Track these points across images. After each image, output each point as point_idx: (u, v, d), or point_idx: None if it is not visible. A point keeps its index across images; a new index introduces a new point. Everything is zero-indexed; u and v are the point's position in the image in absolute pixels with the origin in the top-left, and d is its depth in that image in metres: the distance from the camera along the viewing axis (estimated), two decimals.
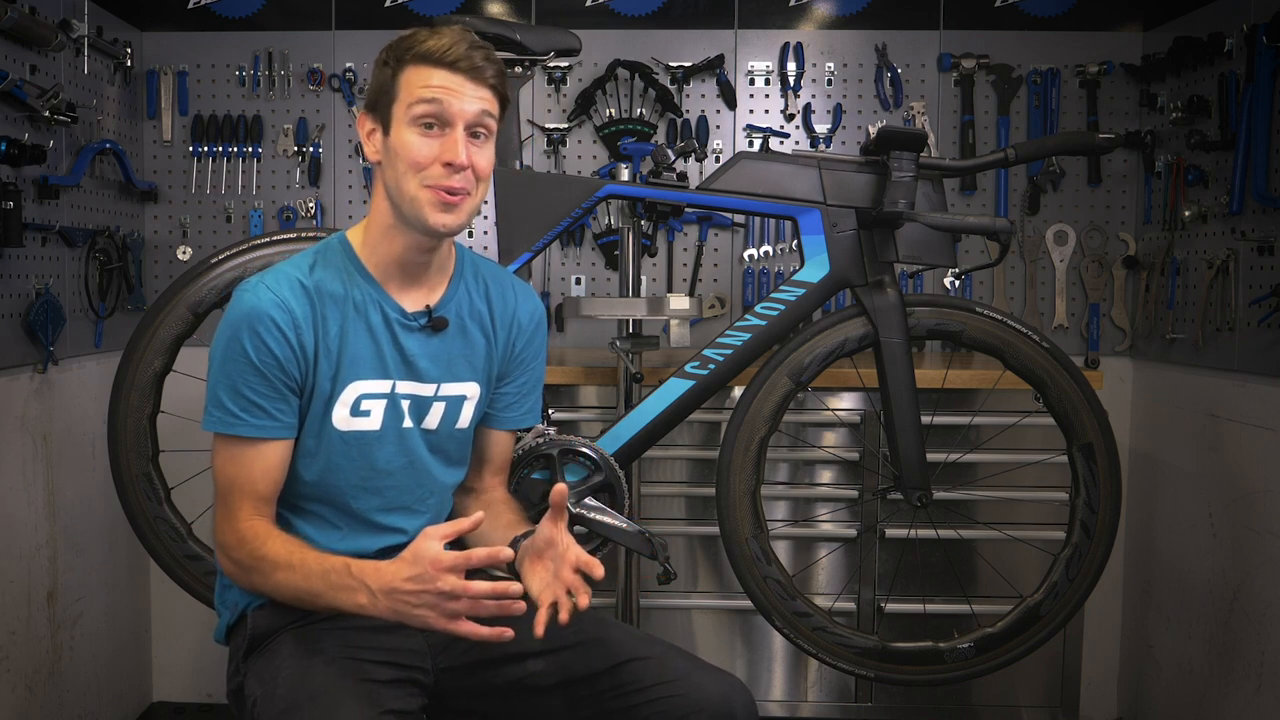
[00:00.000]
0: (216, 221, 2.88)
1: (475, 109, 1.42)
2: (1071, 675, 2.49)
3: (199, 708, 2.93)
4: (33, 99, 2.24)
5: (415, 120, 1.42)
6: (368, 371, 1.48)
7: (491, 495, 1.68)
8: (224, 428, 1.44)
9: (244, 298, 1.44)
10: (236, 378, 1.43)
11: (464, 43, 1.43)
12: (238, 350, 1.42)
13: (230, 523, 1.45)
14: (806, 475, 2.50)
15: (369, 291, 1.49)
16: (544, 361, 1.69)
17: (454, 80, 1.41)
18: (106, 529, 2.63)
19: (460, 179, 1.42)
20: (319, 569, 1.37)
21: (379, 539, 1.53)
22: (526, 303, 1.64)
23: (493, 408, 1.64)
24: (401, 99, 1.43)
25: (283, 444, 1.47)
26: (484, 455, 1.68)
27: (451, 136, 1.42)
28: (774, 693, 2.53)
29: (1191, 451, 2.58)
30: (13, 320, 2.26)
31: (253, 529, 1.44)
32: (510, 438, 1.71)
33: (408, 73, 1.43)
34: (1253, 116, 2.30)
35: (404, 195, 1.43)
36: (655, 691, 1.45)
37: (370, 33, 2.85)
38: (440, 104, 1.41)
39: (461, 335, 1.56)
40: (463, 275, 1.58)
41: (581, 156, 2.88)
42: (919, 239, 1.94)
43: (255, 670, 1.46)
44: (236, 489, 1.45)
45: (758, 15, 2.86)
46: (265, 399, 1.43)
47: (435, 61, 1.41)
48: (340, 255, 1.50)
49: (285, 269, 1.48)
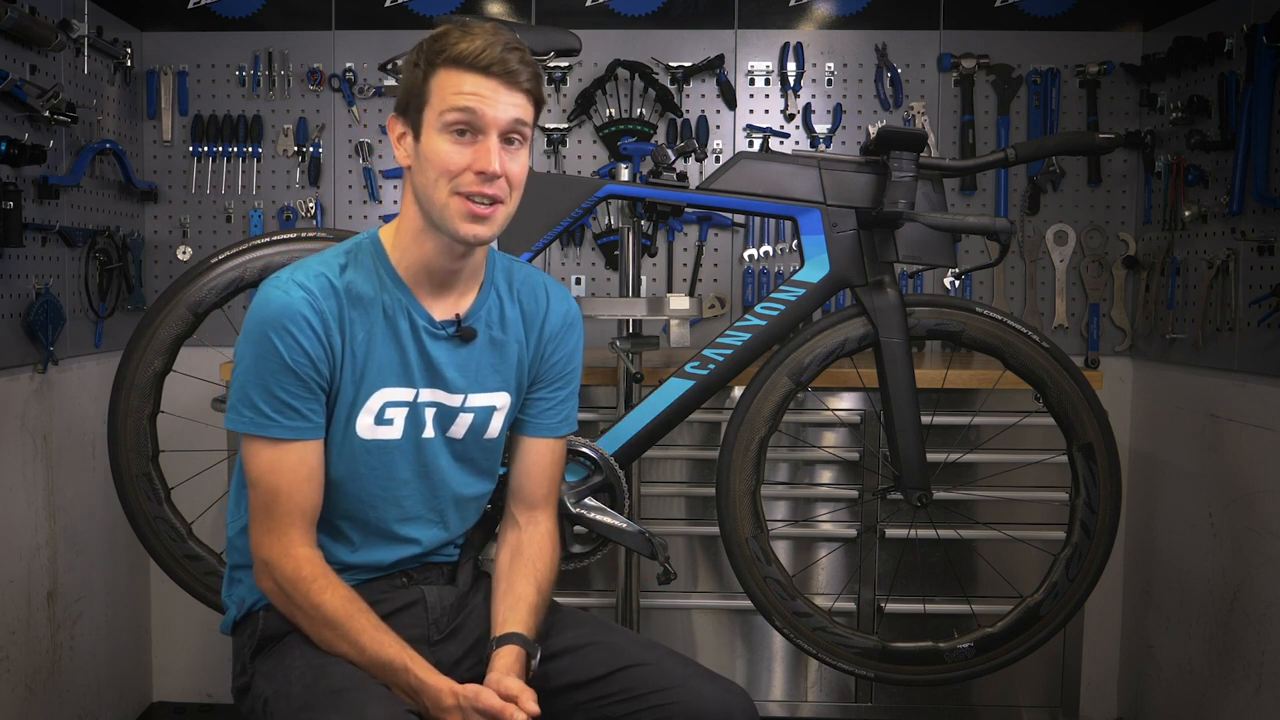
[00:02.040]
0: (216, 221, 2.88)
1: (509, 116, 1.38)
2: (1071, 675, 2.49)
3: (199, 708, 2.93)
4: (33, 99, 2.24)
5: (447, 127, 1.37)
6: (393, 379, 1.46)
7: (528, 535, 1.59)
8: (256, 429, 1.40)
9: (274, 295, 1.39)
10: (269, 378, 1.39)
11: (498, 45, 1.37)
12: (270, 350, 1.38)
13: (282, 544, 1.42)
14: (806, 475, 2.50)
15: (399, 297, 1.45)
16: (580, 364, 1.63)
17: (488, 86, 1.36)
18: (106, 529, 2.63)
19: (494, 187, 1.38)
20: (373, 659, 1.38)
21: (394, 550, 1.51)
22: (559, 305, 1.59)
23: (527, 413, 1.59)
24: (433, 104, 1.38)
25: (318, 444, 1.43)
26: (520, 473, 1.60)
27: (485, 144, 1.37)
28: (774, 693, 2.53)
29: (1191, 451, 2.58)
30: (13, 320, 2.26)
31: (311, 566, 1.42)
32: (548, 451, 1.61)
33: (440, 76, 1.37)
34: (1253, 116, 2.30)
35: (434, 203, 1.39)
36: (654, 698, 1.44)
37: (370, 33, 2.85)
38: (473, 112, 1.36)
39: (490, 345, 1.52)
40: (494, 281, 1.53)
41: (581, 156, 2.88)
42: (919, 239, 1.94)
43: (264, 670, 1.45)
44: (283, 503, 1.41)
45: (758, 15, 2.86)
46: (299, 399, 1.40)
47: (468, 65, 1.36)
48: (371, 256, 1.46)
49: (316, 267, 1.43)
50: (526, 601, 1.51)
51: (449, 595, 1.56)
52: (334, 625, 1.39)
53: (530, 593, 1.52)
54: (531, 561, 1.56)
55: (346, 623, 1.39)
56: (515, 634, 1.47)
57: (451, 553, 1.60)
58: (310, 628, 1.42)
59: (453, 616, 1.55)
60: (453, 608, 1.55)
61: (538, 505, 1.61)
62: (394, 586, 1.53)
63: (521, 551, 1.57)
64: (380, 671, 1.38)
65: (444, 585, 1.57)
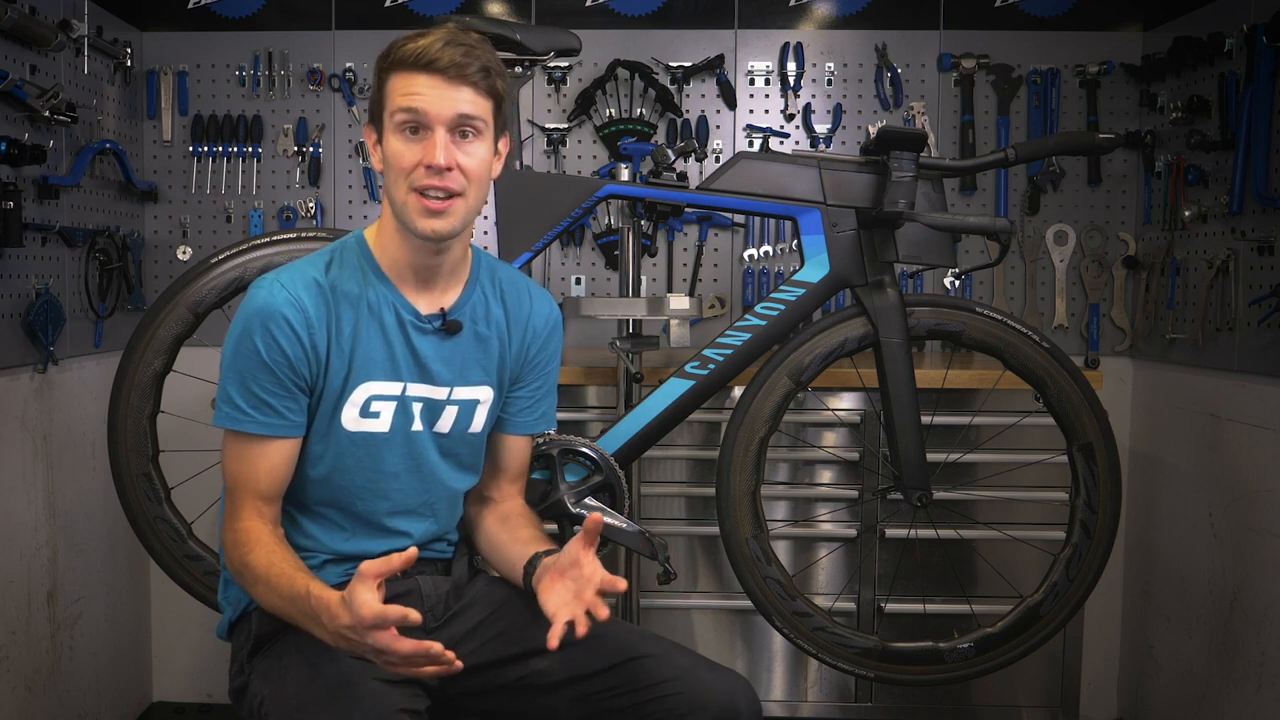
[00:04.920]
0: (216, 221, 2.88)
1: (454, 110, 1.41)
2: (1071, 675, 2.49)
3: (199, 708, 2.93)
4: (33, 99, 2.24)
5: (399, 127, 1.42)
6: (379, 373, 1.48)
7: (509, 506, 1.66)
8: (232, 424, 1.45)
9: (258, 294, 1.44)
10: (247, 375, 1.43)
11: (442, 41, 1.40)
12: (249, 347, 1.42)
13: (232, 520, 1.46)
14: (806, 475, 2.50)
15: (384, 292, 1.49)
16: (558, 366, 1.68)
17: (432, 83, 1.40)
18: (106, 529, 2.63)
19: (445, 180, 1.41)
20: (288, 592, 1.37)
21: (385, 542, 1.52)
22: (542, 307, 1.63)
23: (506, 412, 1.63)
24: (387, 107, 1.43)
25: (289, 443, 1.47)
26: (499, 462, 1.66)
27: (432, 139, 1.40)
28: (774, 693, 2.53)
29: (1191, 451, 2.58)
30: (13, 320, 2.26)
31: (246, 532, 1.44)
32: (526, 444, 1.68)
33: (392, 80, 1.43)
34: (1253, 116, 2.30)
35: (396, 202, 1.44)
36: (659, 689, 1.45)
37: (370, 33, 2.85)
38: (417, 110, 1.40)
39: (475, 339, 1.55)
40: (479, 279, 1.57)
41: (581, 156, 2.88)
42: (919, 239, 1.94)
43: (261, 670, 1.46)
44: (240, 486, 1.46)
45: (758, 15, 2.86)
46: (275, 397, 1.43)
47: (412, 65, 1.40)
48: (357, 254, 1.50)
49: (301, 267, 1.48)
50: (538, 538, 1.56)
51: (444, 584, 1.58)
52: (260, 578, 1.40)
53: (536, 532, 1.58)
54: (520, 515, 1.64)
55: (270, 569, 1.39)
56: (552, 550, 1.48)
57: (445, 549, 1.62)
58: (250, 591, 1.44)
59: (448, 604, 1.57)
60: (448, 595, 1.57)
61: (515, 482, 1.69)
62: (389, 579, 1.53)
63: (509, 516, 1.63)
64: (296, 607, 1.36)
65: (439, 575, 1.59)
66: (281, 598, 1.38)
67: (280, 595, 1.38)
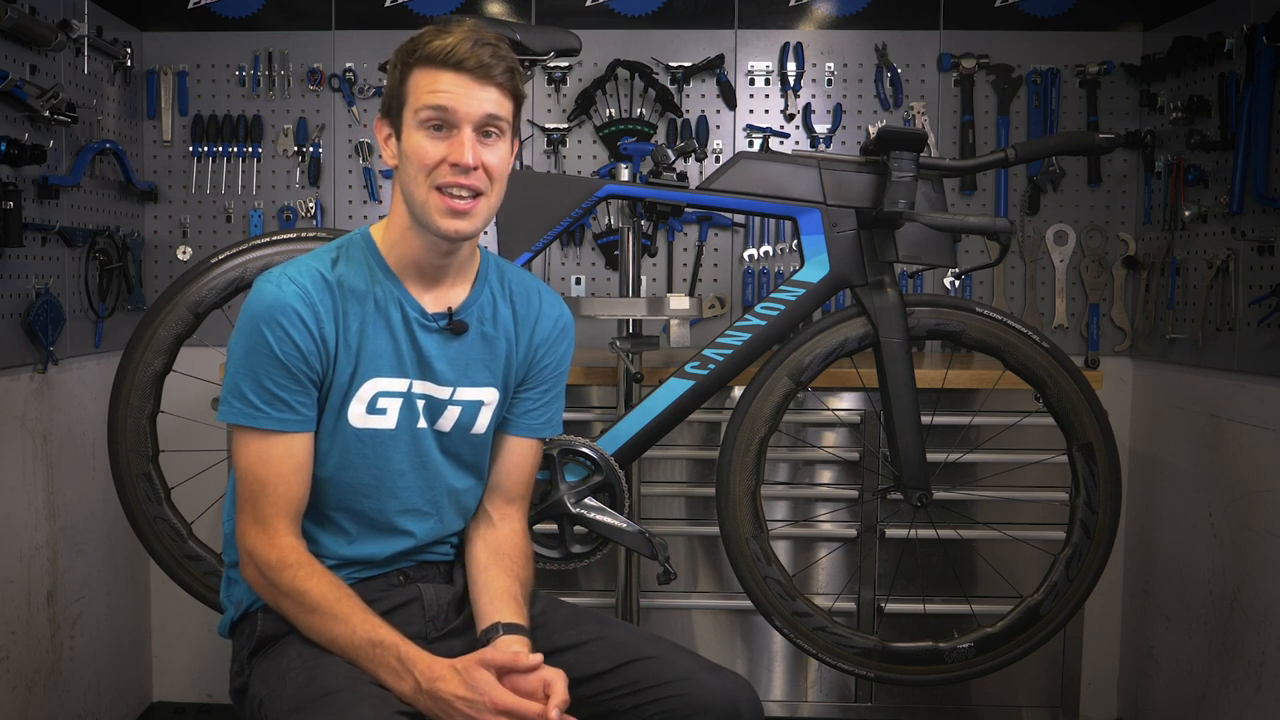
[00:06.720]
0: (216, 221, 2.88)
1: (482, 110, 1.40)
2: (1071, 675, 2.49)
3: (199, 708, 2.93)
4: (33, 99, 2.24)
5: (423, 123, 1.40)
6: (386, 369, 1.47)
7: (504, 534, 1.60)
8: (245, 420, 1.42)
9: (266, 289, 1.42)
10: (259, 370, 1.41)
11: (469, 40, 1.40)
12: (260, 342, 1.41)
13: (266, 534, 1.43)
14: (806, 475, 2.50)
15: (390, 289, 1.48)
16: (567, 371, 1.65)
17: (459, 82, 1.39)
18: (106, 529, 2.63)
19: (471, 178, 1.41)
20: (364, 639, 1.37)
21: (389, 543, 1.52)
22: (551, 309, 1.61)
23: (511, 412, 1.60)
24: (410, 103, 1.41)
25: (306, 437, 1.45)
26: (500, 470, 1.61)
27: (459, 137, 1.40)
28: (774, 693, 2.53)
29: (1191, 451, 2.58)
30: (13, 320, 2.26)
31: (296, 554, 1.43)
32: (529, 452, 1.63)
33: (415, 76, 1.41)
34: (1253, 116, 2.30)
35: (415, 200, 1.43)
36: (660, 691, 1.45)
37: (370, 33, 2.85)
38: (445, 108, 1.39)
39: (482, 340, 1.54)
40: (487, 279, 1.56)
41: (581, 156, 2.88)
42: (919, 239, 1.94)
43: (261, 671, 1.45)
44: (269, 494, 1.43)
45: (758, 15, 2.86)
46: (288, 391, 1.42)
47: (440, 63, 1.39)
48: (363, 251, 1.49)
49: (308, 262, 1.47)
50: (514, 596, 1.52)
51: (446, 594, 1.56)
52: (321, 609, 1.40)
53: (515, 587, 1.54)
54: (510, 556, 1.58)
55: (334, 605, 1.39)
56: (517, 624, 1.47)
57: (446, 551, 1.60)
58: (296, 614, 1.42)
59: (451, 615, 1.55)
60: (450, 606, 1.56)
61: (514, 501, 1.63)
62: (390, 585, 1.53)
63: (500, 548, 1.58)
64: (367, 652, 1.37)
65: (441, 584, 1.57)
66: (353, 639, 1.38)
67: (352, 637, 1.38)
